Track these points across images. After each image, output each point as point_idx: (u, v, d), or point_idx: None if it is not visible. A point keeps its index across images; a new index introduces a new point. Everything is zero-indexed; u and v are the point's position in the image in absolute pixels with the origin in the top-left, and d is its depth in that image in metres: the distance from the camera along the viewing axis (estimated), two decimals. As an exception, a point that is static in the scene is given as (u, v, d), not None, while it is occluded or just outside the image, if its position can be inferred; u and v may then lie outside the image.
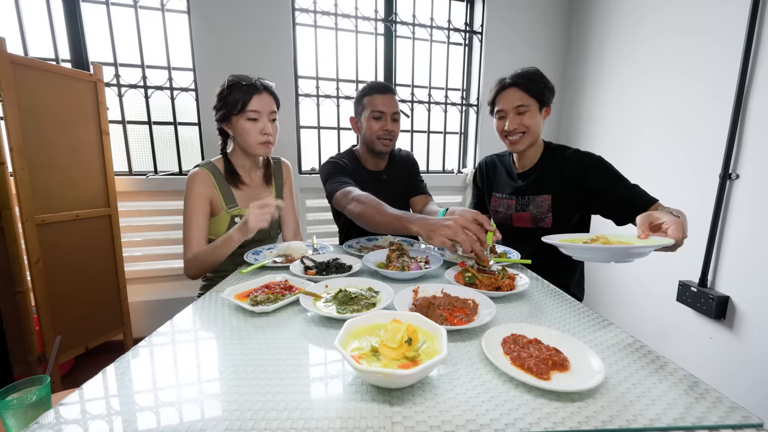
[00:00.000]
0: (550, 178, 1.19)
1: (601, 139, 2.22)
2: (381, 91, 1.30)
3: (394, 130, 1.33)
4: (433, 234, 0.87)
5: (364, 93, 1.33)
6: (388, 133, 1.31)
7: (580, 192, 1.15)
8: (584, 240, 0.85)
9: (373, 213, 1.05)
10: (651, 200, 1.05)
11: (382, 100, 1.29)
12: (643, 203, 1.04)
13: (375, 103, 1.30)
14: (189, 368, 0.57)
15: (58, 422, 0.45)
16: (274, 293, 0.81)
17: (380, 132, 1.31)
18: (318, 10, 2.09)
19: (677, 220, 0.77)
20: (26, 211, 1.40)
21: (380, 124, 1.30)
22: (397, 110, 1.32)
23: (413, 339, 0.53)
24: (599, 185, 1.11)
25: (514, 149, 1.19)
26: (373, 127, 1.31)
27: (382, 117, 1.30)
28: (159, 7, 1.87)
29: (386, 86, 1.33)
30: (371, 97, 1.30)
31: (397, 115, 1.33)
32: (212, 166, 1.18)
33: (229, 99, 1.10)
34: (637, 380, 0.53)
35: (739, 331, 1.53)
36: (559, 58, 2.49)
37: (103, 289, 1.75)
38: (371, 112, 1.30)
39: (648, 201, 1.05)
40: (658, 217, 0.80)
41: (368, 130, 1.33)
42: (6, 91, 1.31)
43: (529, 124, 1.14)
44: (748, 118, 1.48)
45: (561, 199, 1.17)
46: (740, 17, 1.48)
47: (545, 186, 1.20)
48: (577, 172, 1.14)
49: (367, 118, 1.32)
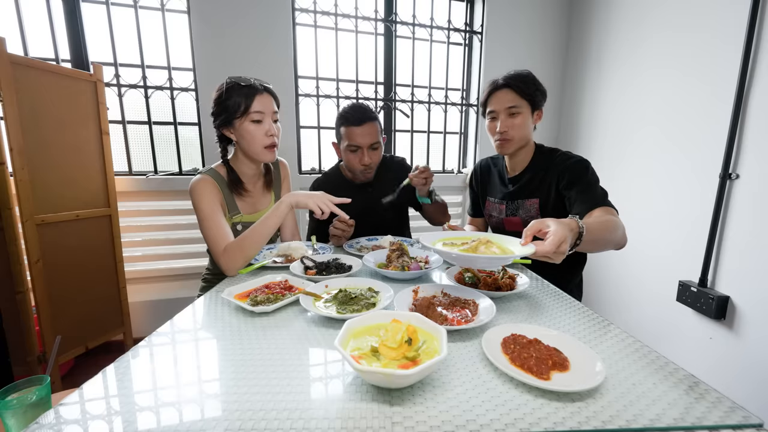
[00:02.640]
0: (538, 182, 1.18)
1: (601, 139, 2.22)
2: (356, 122, 1.24)
3: (373, 161, 1.29)
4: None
5: (341, 122, 1.29)
6: (366, 167, 1.30)
7: (557, 195, 1.14)
8: (463, 240, 0.86)
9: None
10: (599, 203, 0.99)
11: (359, 132, 1.24)
12: (591, 204, 0.99)
13: (351, 136, 1.25)
14: (189, 368, 0.57)
15: (58, 422, 0.45)
16: (274, 293, 0.81)
17: (358, 165, 1.29)
18: (318, 10, 2.09)
19: (561, 232, 0.69)
20: (26, 211, 1.39)
21: (358, 158, 1.28)
22: (376, 139, 1.27)
23: (413, 339, 0.53)
24: (566, 184, 1.10)
25: (503, 151, 1.19)
26: (352, 160, 1.29)
27: (358, 150, 1.27)
28: (159, 7, 1.87)
29: (362, 116, 1.25)
30: (347, 128, 1.26)
31: (376, 144, 1.28)
32: (214, 172, 1.14)
33: (230, 102, 1.07)
34: (637, 380, 0.53)
35: (739, 331, 1.52)
36: (558, 58, 2.49)
37: (103, 289, 1.75)
38: (348, 145, 1.27)
39: (595, 203, 0.99)
40: (548, 225, 0.72)
41: (347, 162, 1.32)
42: (6, 91, 1.31)
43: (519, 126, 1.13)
44: (748, 118, 1.48)
45: (548, 202, 1.17)
46: (740, 16, 1.48)
47: (533, 190, 1.19)
48: (557, 174, 1.13)
49: (345, 150, 1.29)
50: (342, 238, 1.26)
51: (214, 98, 1.10)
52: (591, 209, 0.99)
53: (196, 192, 1.08)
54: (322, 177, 1.48)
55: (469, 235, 0.93)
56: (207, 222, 1.05)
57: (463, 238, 0.89)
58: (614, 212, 0.99)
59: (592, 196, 1.03)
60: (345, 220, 1.18)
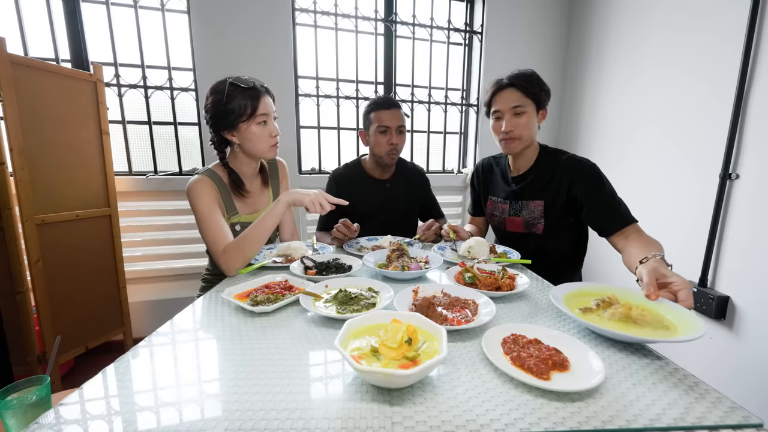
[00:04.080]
0: (543, 184, 1.18)
1: (601, 138, 2.22)
2: (385, 106, 1.39)
3: (399, 143, 1.41)
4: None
5: (371, 108, 1.42)
6: (394, 147, 1.40)
7: (568, 199, 1.14)
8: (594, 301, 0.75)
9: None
10: (630, 220, 1.04)
11: (387, 115, 1.38)
12: (621, 221, 1.04)
13: (381, 119, 1.38)
14: (189, 368, 0.57)
15: (58, 422, 0.45)
16: (274, 293, 0.81)
17: (386, 146, 1.40)
18: (318, 10, 2.09)
19: (686, 283, 0.69)
20: (26, 211, 1.39)
21: (386, 138, 1.39)
22: (402, 123, 1.40)
23: (413, 339, 0.53)
24: (582, 193, 1.11)
25: (508, 151, 1.19)
26: (380, 140, 1.40)
27: (387, 131, 1.39)
28: (159, 7, 1.87)
29: (391, 102, 1.41)
30: (377, 112, 1.39)
31: (402, 128, 1.41)
32: (211, 173, 1.13)
33: (234, 105, 1.03)
34: (637, 380, 0.53)
35: (739, 331, 1.52)
36: (559, 58, 2.49)
37: (103, 289, 1.75)
38: (377, 126, 1.39)
39: (626, 220, 1.04)
40: (665, 275, 0.72)
41: (375, 143, 1.42)
42: (6, 91, 1.31)
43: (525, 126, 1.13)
44: (749, 118, 1.48)
45: (553, 205, 1.16)
46: (740, 16, 1.48)
47: (538, 192, 1.19)
48: (566, 178, 1.13)
49: (374, 132, 1.40)
50: (344, 241, 1.29)
51: (212, 101, 1.06)
52: (623, 227, 1.04)
53: (193, 193, 1.06)
54: (341, 168, 1.55)
55: (593, 289, 0.82)
56: (205, 222, 1.04)
57: (588, 293, 0.79)
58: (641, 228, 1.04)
59: (618, 212, 1.06)
60: (349, 225, 1.26)
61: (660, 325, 0.67)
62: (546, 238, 1.20)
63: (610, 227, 1.06)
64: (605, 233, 1.08)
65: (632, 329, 0.66)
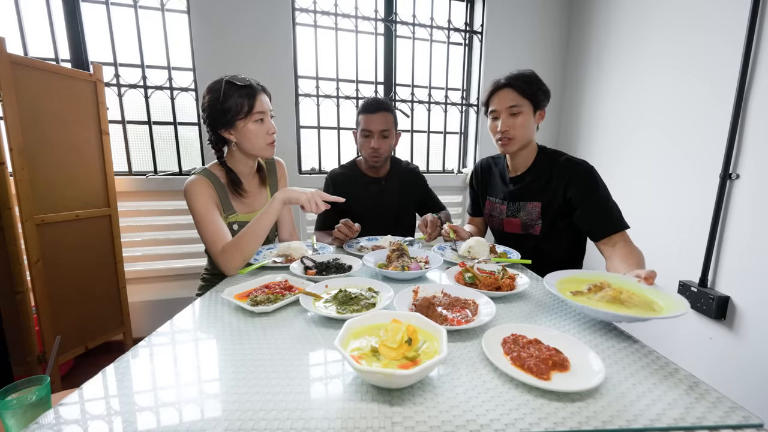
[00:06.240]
0: (541, 185, 1.18)
1: (601, 139, 2.22)
2: (371, 110, 1.39)
3: (381, 147, 1.40)
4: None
5: (359, 111, 1.44)
6: (374, 151, 1.41)
7: (563, 201, 1.14)
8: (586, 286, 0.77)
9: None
10: (618, 227, 1.06)
11: (371, 119, 1.38)
12: (608, 228, 1.06)
13: (364, 122, 1.40)
14: (189, 368, 0.57)
15: (58, 422, 0.45)
16: (274, 293, 0.81)
17: (368, 149, 1.42)
18: (318, 10, 2.09)
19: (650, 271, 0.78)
20: (26, 211, 1.39)
21: (368, 142, 1.41)
22: (385, 127, 1.39)
23: (413, 339, 0.53)
24: (576, 196, 1.11)
25: (505, 150, 1.19)
26: (363, 144, 1.43)
27: (370, 135, 1.40)
28: (159, 7, 1.87)
29: (376, 105, 1.40)
30: (363, 116, 1.40)
31: (386, 132, 1.40)
32: (208, 172, 1.13)
33: (231, 103, 1.03)
34: (637, 380, 0.53)
35: (739, 332, 1.52)
36: (559, 58, 2.49)
37: (102, 289, 1.75)
38: (362, 130, 1.41)
39: (614, 227, 1.06)
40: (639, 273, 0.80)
41: (360, 146, 1.46)
42: (6, 91, 1.31)
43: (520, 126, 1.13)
44: (749, 118, 1.48)
45: (550, 207, 1.17)
46: (740, 16, 1.48)
47: (536, 193, 1.19)
48: (563, 180, 1.13)
49: (359, 135, 1.43)
50: (344, 241, 1.29)
51: (209, 100, 1.06)
52: (610, 234, 1.06)
53: (190, 193, 1.06)
54: (339, 168, 1.57)
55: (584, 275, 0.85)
56: (203, 222, 1.04)
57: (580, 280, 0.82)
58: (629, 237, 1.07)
59: (609, 217, 1.08)
60: (350, 225, 1.26)
61: (648, 307, 0.69)
62: (543, 240, 1.20)
63: (598, 232, 1.08)
64: (593, 238, 1.10)
65: (621, 310, 0.68)
